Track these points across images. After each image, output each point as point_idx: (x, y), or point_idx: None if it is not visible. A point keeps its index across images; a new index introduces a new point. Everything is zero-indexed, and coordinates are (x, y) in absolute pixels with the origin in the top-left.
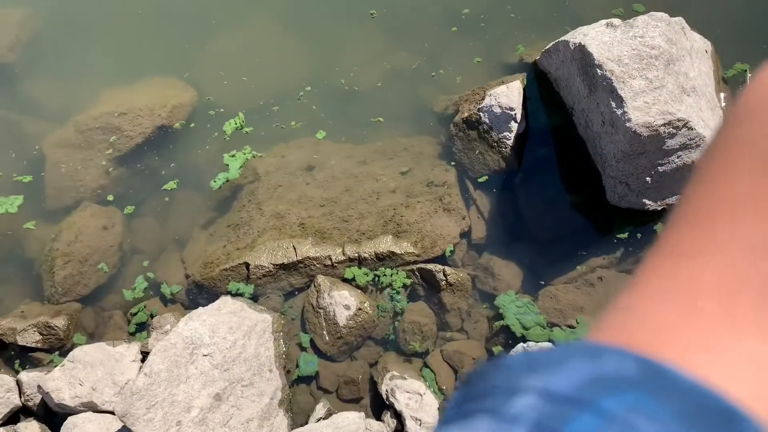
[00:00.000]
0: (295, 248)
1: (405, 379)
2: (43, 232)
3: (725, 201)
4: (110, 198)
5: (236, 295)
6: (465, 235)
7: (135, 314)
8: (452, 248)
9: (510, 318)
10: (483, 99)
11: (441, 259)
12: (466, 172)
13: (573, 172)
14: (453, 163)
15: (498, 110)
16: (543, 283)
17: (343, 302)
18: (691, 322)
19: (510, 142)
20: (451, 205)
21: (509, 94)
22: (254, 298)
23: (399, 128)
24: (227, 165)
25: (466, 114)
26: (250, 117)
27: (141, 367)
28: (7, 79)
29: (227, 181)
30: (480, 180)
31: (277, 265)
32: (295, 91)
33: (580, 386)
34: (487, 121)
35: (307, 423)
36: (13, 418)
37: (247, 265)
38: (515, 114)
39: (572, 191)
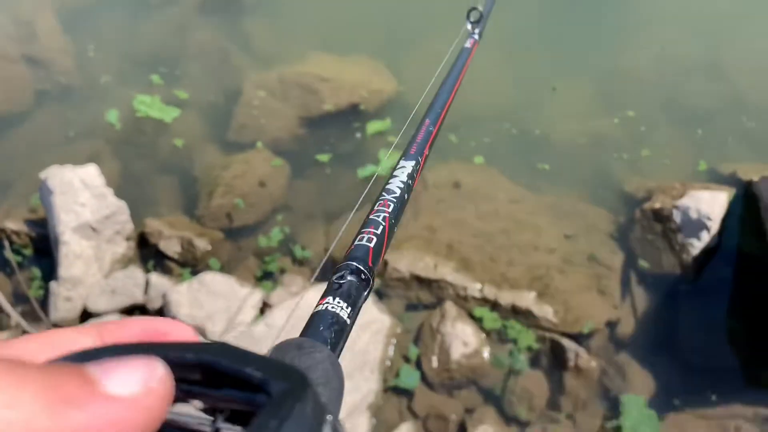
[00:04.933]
0: (436, 266)
1: None
2: (216, 158)
3: None
4: (283, 151)
5: None
6: (611, 325)
7: (267, 262)
8: (592, 332)
9: (628, 420)
10: (681, 197)
11: (577, 339)
12: (635, 263)
13: (747, 308)
14: (624, 248)
15: (694, 215)
16: (677, 404)
17: (463, 338)
18: None
19: (694, 251)
20: (607, 289)
21: (712, 204)
22: (378, 296)
23: (570, 189)
24: (380, 160)
25: (658, 205)
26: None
27: (260, 315)
28: (237, 9)
29: (374, 174)
30: (646, 276)
31: (414, 275)
32: (481, 119)
33: None
34: (678, 220)
35: None
36: (130, 312)
37: (386, 262)
38: (710, 225)
39: (739, 326)
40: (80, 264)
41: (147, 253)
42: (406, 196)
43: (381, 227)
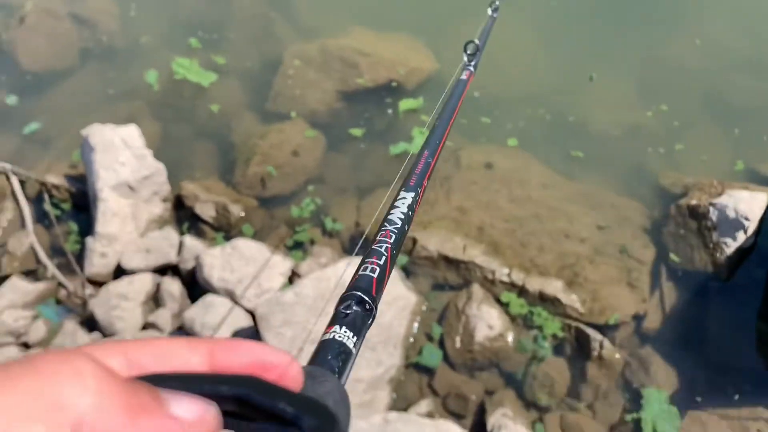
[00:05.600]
0: (465, 248)
1: (515, 423)
2: (253, 126)
3: None
4: (319, 123)
5: None
6: (638, 318)
7: (298, 232)
8: (618, 324)
9: (648, 414)
10: (720, 195)
11: (602, 329)
12: (666, 258)
13: None
14: (656, 242)
15: (732, 214)
16: (699, 401)
17: (488, 320)
18: None
19: (728, 250)
20: (637, 283)
21: (751, 204)
22: (406, 273)
23: (604, 179)
24: (413, 137)
25: (694, 202)
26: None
27: (288, 283)
28: None
29: (405, 151)
30: (677, 272)
31: (442, 255)
32: (516, 102)
33: None
34: (714, 218)
35: (406, 411)
36: (162, 271)
37: (414, 240)
38: (748, 226)
39: None
40: (117, 221)
41: (182, 215)
42: (406, 228)
43: (384, 258)
